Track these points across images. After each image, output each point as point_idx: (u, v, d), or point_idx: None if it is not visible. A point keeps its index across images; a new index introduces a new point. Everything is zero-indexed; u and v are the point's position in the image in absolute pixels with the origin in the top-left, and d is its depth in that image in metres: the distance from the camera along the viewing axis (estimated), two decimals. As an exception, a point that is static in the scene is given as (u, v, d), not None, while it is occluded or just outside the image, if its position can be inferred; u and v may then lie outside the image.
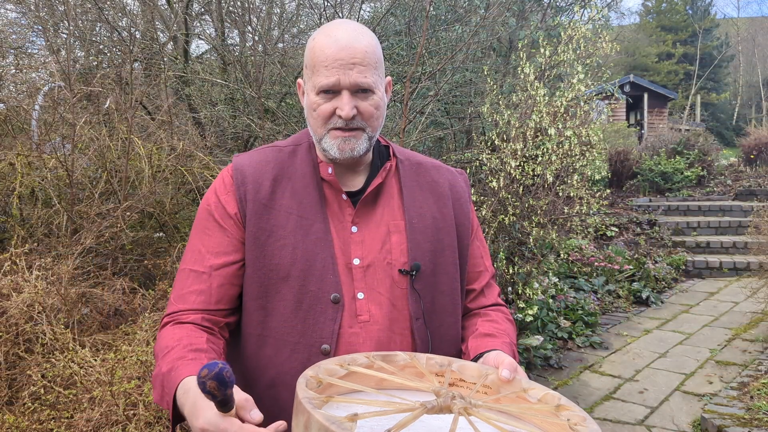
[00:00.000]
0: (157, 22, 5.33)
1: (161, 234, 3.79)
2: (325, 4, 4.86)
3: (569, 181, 4.48)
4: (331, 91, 1.12)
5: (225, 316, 1.17)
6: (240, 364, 1.20)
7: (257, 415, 0.84)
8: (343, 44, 1.11)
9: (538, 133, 4.35)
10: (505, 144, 4.30)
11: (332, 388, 0.97)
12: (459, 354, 1.27)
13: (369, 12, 6.55)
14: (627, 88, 16.77)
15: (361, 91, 1.13)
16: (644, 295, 6.34)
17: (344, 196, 1.21)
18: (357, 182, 1.24)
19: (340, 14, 4.88)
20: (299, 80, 1.24)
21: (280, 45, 5.81)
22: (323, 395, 0.87)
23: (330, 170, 1.20)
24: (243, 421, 0.84)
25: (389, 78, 1.25)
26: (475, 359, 1.15)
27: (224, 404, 0.80)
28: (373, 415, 0.80)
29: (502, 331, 1.25)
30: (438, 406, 0.84)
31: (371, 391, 0.95)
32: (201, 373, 0.76)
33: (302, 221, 1.17)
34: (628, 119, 17.46)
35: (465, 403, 0.85)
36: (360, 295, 1.16)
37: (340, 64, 1.10)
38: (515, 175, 4.19)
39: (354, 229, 1.20)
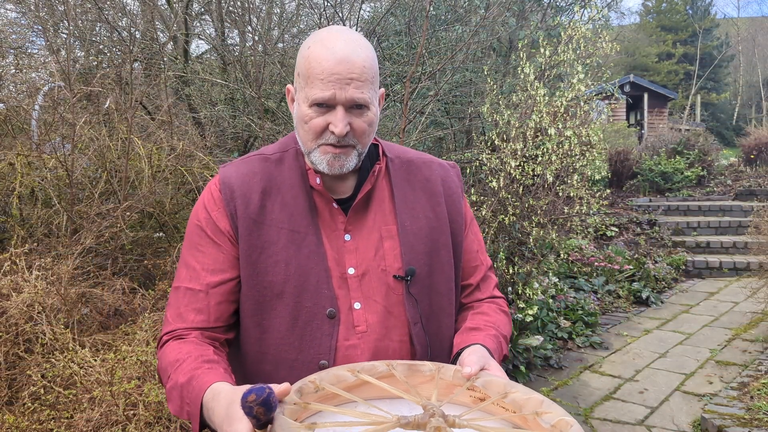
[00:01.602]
0: (157, 22, 5.33)
1: (161, 234, 3.79)
2: (325, 4, 4.86)
3: (569, 181, 4.48)
4: (324, 105, 1.09)
5: (224, 333, 1.16)
6: (240, 380, 1.18)
7: (285, 385, 0.85)
8: (340, 57, 1.06)
9: (538, 133, 4.35)
10: (505, 144, 4.30)
11: (335, 398, 0.96)
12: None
13: (369, 12, 6.55)
14: (627, 88, 16.77)
15: (356, 107, 1.10)
16: (644, 295, 6.34)
17: (335, 205, 1.18)
18: (347, 188, 1.21)
19: (340, 14, 4.87)
20: (288, 86, 1.21)
21: (280, 45, 5.81)
22: (302, 403, 0.86)
23: (318, 180, 1.17)
24: (278, 395, 0.84)
25: (382, 90, 1.22)
26: (456, 355, 1.15)
27: (264, 426, 0.81)
28: (333, 425, 0.80)
29: (491, 323, 1.22)
30: (414, 421, 0.83)
31: (360, 402, 0.94)
32: (248, 397, 0.77)
33: (294, 235, 1.14)
34: (628, 119, 17.46)
35: (440, 422, 0.83)
36: (357, 305, 1.15)
37: (337, 79, 1.06)
38: (515, 175, 4.19)
39: (347, 237, 1.18)
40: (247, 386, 0.88)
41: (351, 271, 1.16)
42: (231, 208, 1.15)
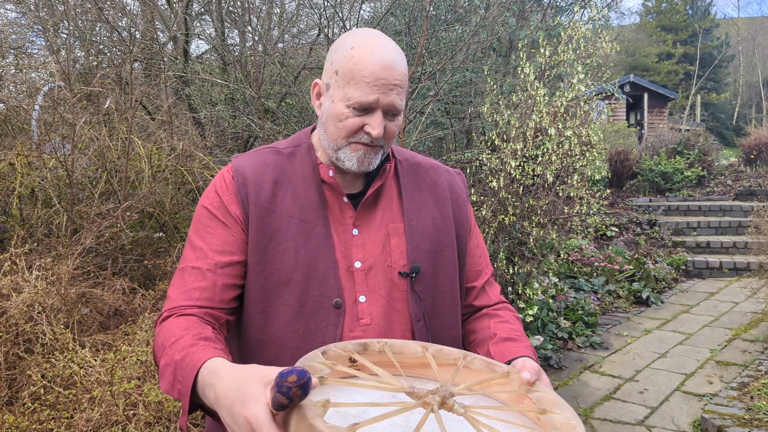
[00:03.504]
0: (157, 22, 5.33)
1: (161, 234, 3.79)
2: (325, 4, 4.86)
3: (569, 181, 4.48)
4: (365, 108, 1.12)
5: (226, 314, 1.17)
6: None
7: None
8: (387, 64, 1.10)
9: (538, 133, 4.35)
10: (505, 144, 4.30)
11: (392, 367, 0.97)
12: None
13: (369, 12, 6.55)
14: (627, 88, 16.78)
15: (392, 113, 1.14)
16: (644, 295, 6.34)
17: (345, 199, 1.21)
18: (356, 184, 1.24)
19: (340, 14, 4.88)
20: (317, 80, 1.22)
21: (280, 45, 5.81)
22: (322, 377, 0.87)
23: (331, 173, 1.20)
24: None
25: None
26: None
27: (280, 407, 0.78)
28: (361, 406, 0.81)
29: (519, 333, 1.24)
30: (416, 393, 0.84)
31: (381, 374, 0.96)
32: (288, 377, 0.74)
33: (303, 225, 1.16)
34: (628, 119, 17.47)
35: (434, 400, 0.83)
36: (362, 299, 1.17)
37: (383, 84, 1.10)
38: (515, 175, 4.19)
39: (355, 231, 1.20)
40: (264, 367, 0.85)
41: (357, 264, 1.18)
42: (242, 194, 1.17)
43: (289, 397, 0.75)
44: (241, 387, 0.83)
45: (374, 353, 0.94)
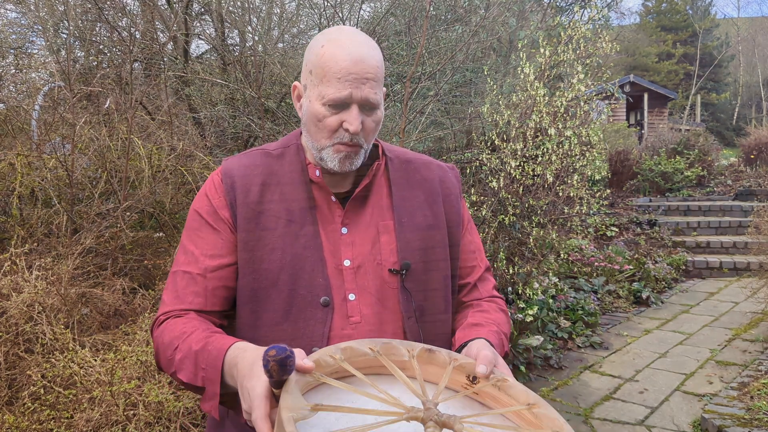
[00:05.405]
0: (157, 22, 5.33)
1: (161, 234, 3.79)
2: (325, 4, 4.86)
3: (569, 181, 4.47)
4: (339, 104, 1.12)
5: (218, 318, 1.18)
6: None
7: (309, 363, 0.86)
8: (357, 58, 1.10)
9: (538, 133, 4.34)
10: (505, 144, 4.30)
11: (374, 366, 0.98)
12: (450, 349, 1.27)
13: (369, 12, 6.55)
14: (627, 88, 16.78)
15: (368, 107, 1.13)
16: (644, 295, 6.34)
17: (333, 198, 1.21)
18: (346, 183, 1.24)
19: (340, 14, 4.87)
20: (296, 83, 1.23)
21: (280, 45, 5.81)
22: (317, 376, 0.88)
23: (318, 173, 1.20)
24: (298, 369, 0.85)
25: (385, 89, 1.25)
26: (459, 350, 1.15)
27: (277, 385, 0.83)
28: (337, 409, 0.81)
29: (492, 320, 1.24)
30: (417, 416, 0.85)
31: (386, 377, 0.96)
32: (269, 351, 0.78)
33: (291, 225, 1.17)
34: (628, 119, 17.47)
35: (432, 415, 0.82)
36: (351, 297, 1.17)
37: (354, 78, 1.10)
38: (515, 175, 4.19)
39: (344, 230, 1.20)
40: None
41: (347, 263, 1.18)
42: (231, 197, 1.18)
43: (269, 371, 0.79)
44: (254, 362, 0.89)
45: (357, 357, 0.95)
